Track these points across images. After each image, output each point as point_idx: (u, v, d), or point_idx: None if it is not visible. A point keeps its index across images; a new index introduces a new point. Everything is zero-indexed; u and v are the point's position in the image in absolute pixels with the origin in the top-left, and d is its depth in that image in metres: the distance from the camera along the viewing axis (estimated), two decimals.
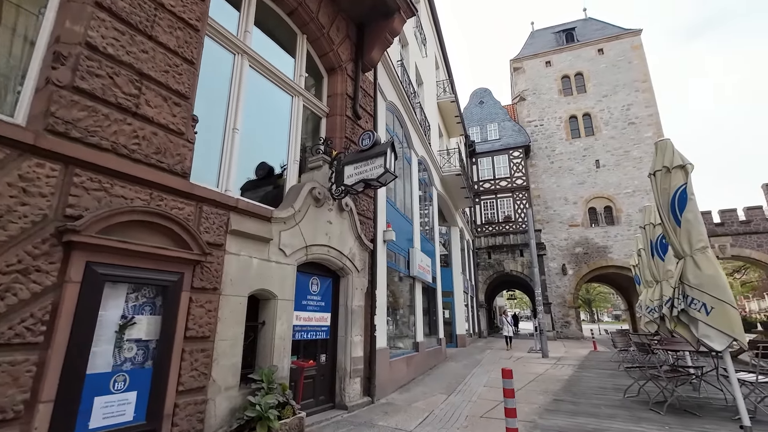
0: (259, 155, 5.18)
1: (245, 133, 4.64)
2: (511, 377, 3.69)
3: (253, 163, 5.06)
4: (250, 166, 5.01)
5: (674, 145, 4.27)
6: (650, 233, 6.39)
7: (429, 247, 11.71)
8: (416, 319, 9.11)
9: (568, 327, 24.33)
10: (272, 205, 4.67)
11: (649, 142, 25.89)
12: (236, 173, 4.37)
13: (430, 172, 12.75)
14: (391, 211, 8.02)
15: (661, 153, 4.33)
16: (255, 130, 5.02)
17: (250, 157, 4.96)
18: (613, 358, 10.27)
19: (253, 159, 5.05)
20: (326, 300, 5.41)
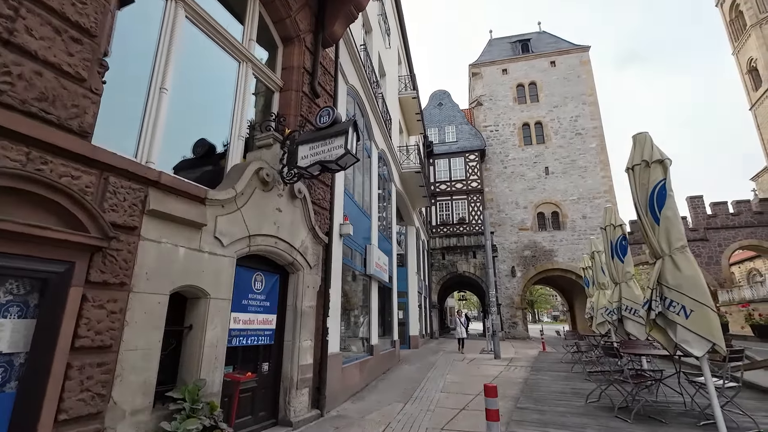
0: (197, 129, 4.35)
1: (180, 100, 3.81)
2: (495, 395, 3.20)
3: (190, 139, 4.23)
4: (186, 142, 4.18)
5: (652, 139, 4.11)
6: (610, 234, 6.35)
7: (386, 246, 11.22)
8: (371, 321, 8.56)
9: (515, 327, 25.07)
10: (211, 188, 3.88)
11: (593, 153, 27.49)
12: (162, 141, 3.54)
13: (390, 168, 12.29)
14: (349, 203, 7.40)
15: (640, 147, 4.14)
16: (192, 98, 4.19)
17: (186, 130, 4.13)
18: (564, 359, 10.41)
19: (189, 133, 4.22)
20: (272, 300, 4.68)
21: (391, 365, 10.24)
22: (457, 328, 15.40)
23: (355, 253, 7.86)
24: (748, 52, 29.41)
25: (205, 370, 3.44)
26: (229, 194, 3.87)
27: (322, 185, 5.77)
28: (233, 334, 4.06)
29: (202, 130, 4.42)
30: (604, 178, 26.89)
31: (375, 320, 8.87)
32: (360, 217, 8.30)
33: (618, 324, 6.07)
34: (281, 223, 4.67)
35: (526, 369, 9.87)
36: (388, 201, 12.30)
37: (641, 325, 5.83)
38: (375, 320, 8.87)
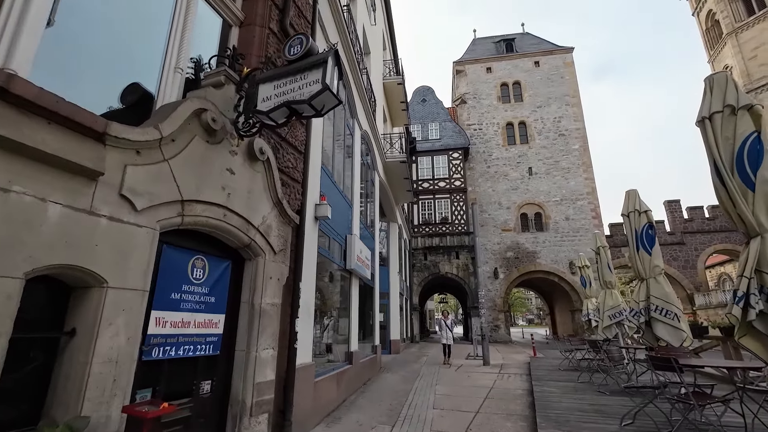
0: (122, 63, 3.09)
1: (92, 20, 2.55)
2: None
3: (109, 73, 2.97)
4: (107, 79, 2.92)
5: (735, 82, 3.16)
6: (635, 222, 5.42)
7: (369, 240, 10.06)
8: (351, 324, 7.36)
9: (497, 331, 24.33)
10: None
11: (576, 154, 27.25)
12: (35, 38, 2.26)
13: (374, 155, 11.15)
14: (327, 183, 6.21)
15: (720, 90, 3.18)
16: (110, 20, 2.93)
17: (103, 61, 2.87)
18: (562, 366, 9.52)
19: (110, 67, 2.97)
20: (219, 294, 3.43)
21: (372, 374, 9.06)
22: (442, 332, 12.21)
23: (334, 243, 6.66)
24: (724, 59, 30.03)
25: (91, 400, 2.17)
26: (149, 135, 2.62)
27: (293, 151, 4.55)
28: (155, 341, 2.80)
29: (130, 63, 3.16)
30: (587, 179, 26.67)
31: (355, 323, 7.68)
32: (340, 203, 7.11)
33: (645, 327, 5.13)
34: (234, 190, 3.43)
35: (523, 378, 8.89)
36: (371, 190, 11.15)
37: (675, 329, 4.90)
38: (355, 323, 7.68)
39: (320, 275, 6.05)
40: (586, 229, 25.61)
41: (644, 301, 5.15)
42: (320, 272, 5.99)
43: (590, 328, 10.20)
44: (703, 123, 3.32)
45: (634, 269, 5.40)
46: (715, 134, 3.11)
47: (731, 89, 3.17)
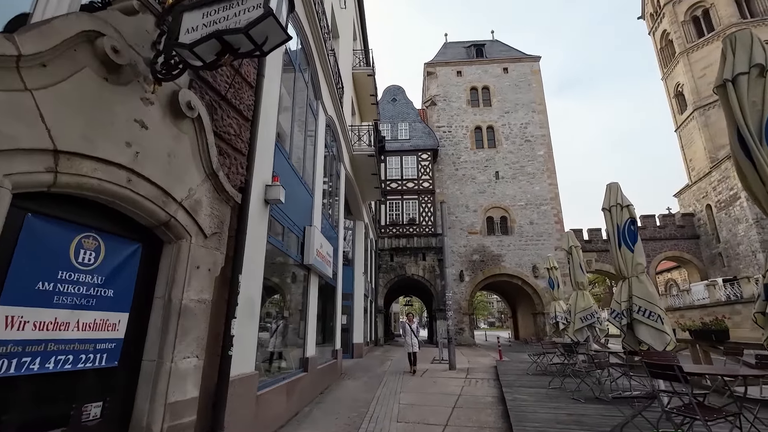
0: None
1: None
2: None
3: None
4: None
5: None
6: (616, 217, 5.05)
7: (332, 236, 9.29)
8: (308, 327, 6.56)
9: (461, 334, 24.16)
10: None
11: (541, 160, 27.78)
12: None
13: (340, 145, 10.41)
14: (283, 165, 5.42)
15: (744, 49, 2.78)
16: None
17: None
18: (530, 370, 9.17)
19: None
20: (120, 285, 2.59)
21: (332, 381, 8.28)
22: (407, 337, 10.37)
23: (290, 234, 5.85)
24: (676, 77, 31.85)
25: None
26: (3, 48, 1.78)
27: (236, 115, 3.75)
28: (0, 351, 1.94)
29: None
30: (550, 185, 27.23)
31: (313, 325, 6.89)
32: (298, 189, 6.32)
33: (627, 330, 4.75)
34: (146, 149, 2.61)
35: (491, 383, 8.43)
36: (336, 183, 10.39)
37: (658, 332, 4.53)
38: (313, 325, 6.89)
39: (271, 269, 5.25)
40: (549, 234, 26.11)
41: (626, 302, 4.78)
42: (271, 266, 5.18)
43: (558, 331, 9.96)
44: (725, 87, 2.89)
45: (615, 267, 5.02)
46: (740, 99, 2.70)
47: (758, 47, 2.78)
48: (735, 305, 19.19)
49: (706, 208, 28.92)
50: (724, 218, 26.75)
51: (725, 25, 28.18)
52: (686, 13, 30.88)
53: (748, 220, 24.46)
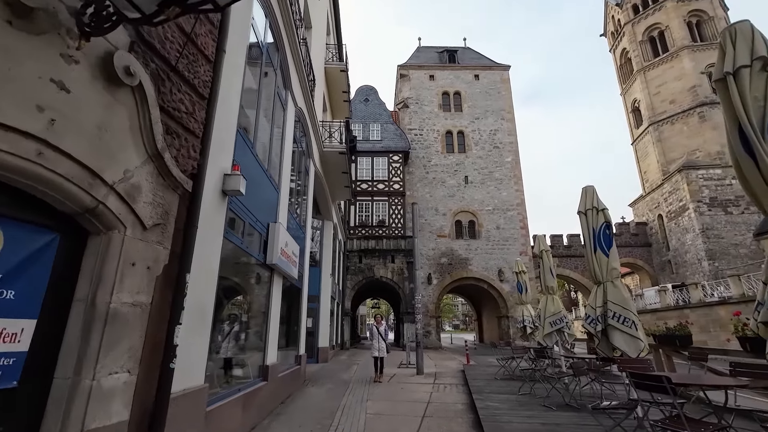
0: None
1: None
2: None
3: None
4: None
5: None
6: (592, 221, 4.97)
7: (299, 235, 8.80)
8: (270, 331, 6.06)
9: (428, 337, 24.09)
10: None
11: (508, 166, 28.40)
12: None
13: (309, 140, 9.94)
14: (246, 154, 4.93)
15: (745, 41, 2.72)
16: None
17: None
18: (498, 375, 9.07)
19: None
20: (25, 284, 2.06)
21: (294, 389, 7.78)
22: (375, 342, 9.35)
23: (251, 231, 5.35)
24: (633, 93, 33.68)
25: None
26: None
27: (189, 90, 3.26)
28: None
29: None
30: (517, 191, 27.85)
31: (275, 330, 6.40)
32: (262, 183, 5.83)
33: (601, 336, 4.65)
34: (66, 117, 2.11)
35: (460, 389, 8.24)
36: (304, 180, 9.90)
37: (632, 338, 4.45)
38: (275, 330, 6.40)
39: (229, 268, 4.74)
40: (514, 239, 26.68)
41: (601, 307, 4.68)
42: (229, 265, 4.68)
43: (525, 335, 9.97)
44: (725, 80, 2.77)
45: (590, 272, 4.94)
46: (742, 93, 2.58)
47: (759, 40, 2.68)
48: (684, 310, 20.34)
49: (657, 218, 30.66)
50: (674, 228, 28.45)
51: (678, 47, 30.11)
52: (644, 34, 32.74)
53: (695, 230, 26.11)
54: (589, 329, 4.72)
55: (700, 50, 29.54)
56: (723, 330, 16.98)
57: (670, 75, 30.36)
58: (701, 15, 30.64)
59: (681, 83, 29.60)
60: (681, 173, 27.38)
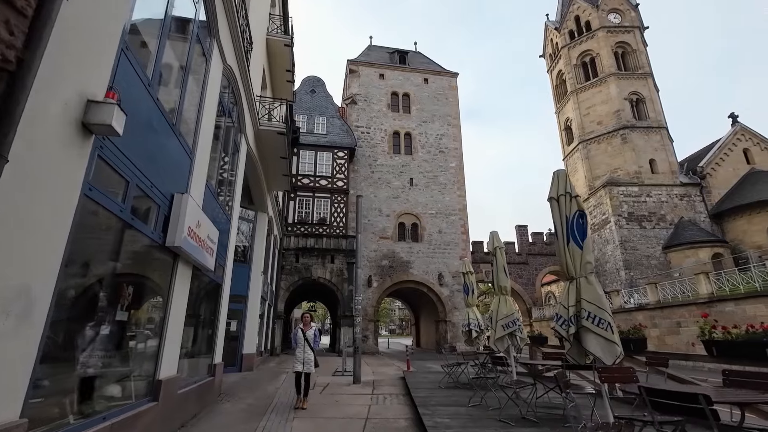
0: None
1: None
2: None
3: None
4: None
5: None
6: (565, 208, 4.35)
7: (221, 219, 7.36)
8: (166, 336, 4.64)
9: (366, 341, 23.10)
10: None
11: (452, 172, 28.65)
12: None
13: (242, 112, 8.51)
14: (137, 90, 3.58)
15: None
16: None
17: None
18: (443, 383, 8.34)
19: None
20: None
21: (202, 407, 6.31)
22: (299, 350, 6.80)
23: (143, 198, 3.96)
24: (566, 113, 36.09)
25: None
26: None
27: None
28: None
29: None
30: (459, 197, 28.15)
31: (176, 334, 4.98)
32: (166, 140, 4.46)
33: (573, 340, 4.01)
34: None
35: (401, 400, 7.35)
36: (234, 159, 8.44)
37: (608, 342, 3.85)
38: (176, 334, 4.98)
39: (93, 243, 3.36)
40: (455, 243, 26.85)
41: (574, 306, 4.06)
42: (94, 238, 3.29)
43: (471, 339, 9.40)
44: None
45: (562, 266, 4.31)
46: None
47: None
48: None
49: None
50: (597, 239, 30.64)
51: (606, 73, 32.78)
52: (578, 58, 35.26)
53: (615, 241, 28.28)
54: (561, 332, 4.06)
55: (624, 78, 32.42)
56: None
57: (599, 98, 32.91)
58: (626, 47, 33.71)
59: (607, 107, 32.19)
60: (605, 188, 29.59)
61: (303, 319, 7.18)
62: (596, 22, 34.58)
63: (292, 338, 7.03)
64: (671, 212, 28.49)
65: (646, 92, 31.91)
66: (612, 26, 34.29)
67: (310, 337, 6.84)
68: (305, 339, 6.78)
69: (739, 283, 13.93)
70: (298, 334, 6.85)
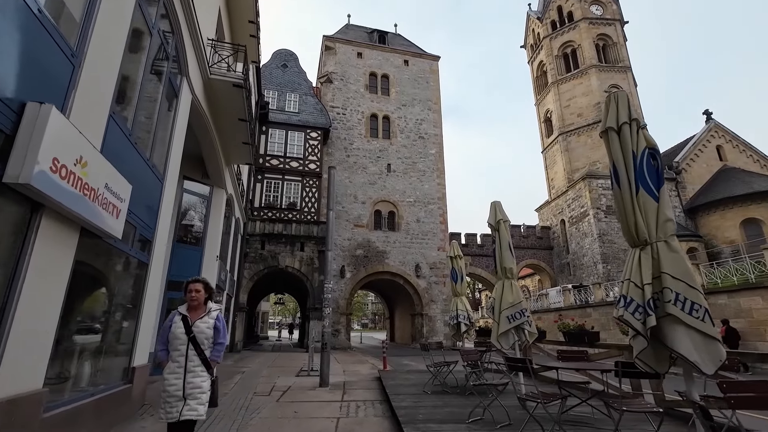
0: None
1: None
2: None
3: None
4: None
5: None
6: (632, 141, 2.94)
7: (143, 172, 5.57)
8: (10, 328, 2.91)
9: (337, 336, 21.59)
10: None
11: (432, 159, 27.36)
12: None
13: (182, 47, 6.68)
14: None
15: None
16: None
17: None
18: (428, 387, 6.91)
19: None
20: None
21: (109, 426, 4.58)
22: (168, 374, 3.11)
23: None
24: (546, 104, 35.57)
25: None
26: None
27: None
28: None
29: None
30: (439, 185, 26.93)
31: (48, 329, 3.27)
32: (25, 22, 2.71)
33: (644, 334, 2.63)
34: None
35: (378, 409, 5.86)
36: (171, 105, 6.60)
37: (707, 339, 2.50)
38: (48, 329, 3.27)
39: None
40: (434, 233, 25.63)
41: (650, 285, 2.69)
42: None
43: (458, 333, 8.05)
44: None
45: (626, 226, 2.91)
46: None
47: None
48: (586, 308, 21.08)
49: (560, 223, 32.54)
50: (575, 232, 30.30)
51: (587, 65, 32.36)
52: (559, 49, 34.71)
53: (593, 234, 27.94)
54: (633, 324, 2.65)
55: (605, 71, 32.10)
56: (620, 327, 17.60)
57: (579, 90, 32.49)
58: (607, 39, 33.42)
59: (588, 99, 31.80)
60: (584, 181, 29.18)
61: (188, 294, 3.33)
62: (578, 12, 34.11)
63: (160, 337, 3.25)
64: None
65: (626, 86, 31.68)
66: (594, 18, 33.92)
67: (203, 333, 3.17)
68: (190, 339, 3.12)
69: (732, 275, 13.34)
70: (174, 330, 3.15)
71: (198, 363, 3.12)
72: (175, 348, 3.12)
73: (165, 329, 3.22)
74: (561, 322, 7.16)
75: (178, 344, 3.11)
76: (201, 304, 3.34)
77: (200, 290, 3.35)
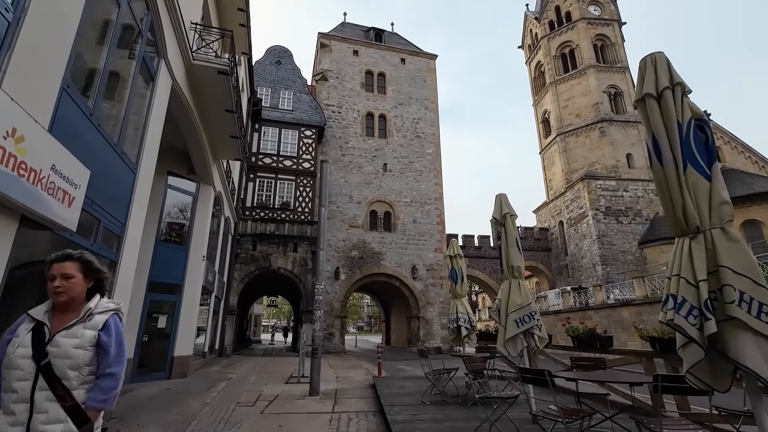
0: None
1: None
2: None
3: None
4: None
5: None
6: (677, 111, 2.44)
7: (111, 162, 5.00)
8: None
9: (331, 339, 20.99)
10: None
11: (429, 158, 26.88)
12: None
13: (160, 26, 6.14)
14: None
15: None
16: None
17: None
18: (426, 397, 6.37)
19: None
20: None
21: None
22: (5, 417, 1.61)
23: None
24: (544, 105, 35.28)
25: None
26: None
27: None
28: None
29: None
30: (436, 185, 26.44)
31: None
32: None
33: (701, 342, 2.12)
34: None
35: (372, 422, 5.30)
36: (147, 87, 6.04)
37: None
38: None
39: None
40: (431, 234, 25.11)
41: (706, 282, 2.18)
42: None
43: (459, 337, 7.51)
44: None
45: (672, 212, 2.39)
46: None
47: None
48: (586, 311, 20.61)
49: (558, 224, 32.15)
50: (573, 234, 29.91)
51: (586, 65, 32.10)
52: (557, 49, 34.46)
53: (592, 236, 27.55)
54: (687, 330, 2.14)
55: (603, 71, 31.85)
56: (625, 331, 17.15)
57: (578, 90, 32.20)
58: (605, 39, 33.19)
59: (586, 99, 31.52)
60: (583, 182, 28.82)
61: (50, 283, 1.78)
62: (577, 13, 33.90)
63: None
64: (647, 207, 28.12)
65: (624, 86, 31.45)
66: (592, 18, 33.72)
67: (69, 358, 1.68)
68: (39, 369, 1.64)
69: None
70: (11, 348, 1.68)
71: (56, 415, 1.61)
72: (9, 386, 1.63)
73: (4, 344, 1.74)
74: (569, 325, 6.63)
75: (15, 378, 1.62)
76: (76, 300, 1.82)
77: (73, 275, 1.80)
